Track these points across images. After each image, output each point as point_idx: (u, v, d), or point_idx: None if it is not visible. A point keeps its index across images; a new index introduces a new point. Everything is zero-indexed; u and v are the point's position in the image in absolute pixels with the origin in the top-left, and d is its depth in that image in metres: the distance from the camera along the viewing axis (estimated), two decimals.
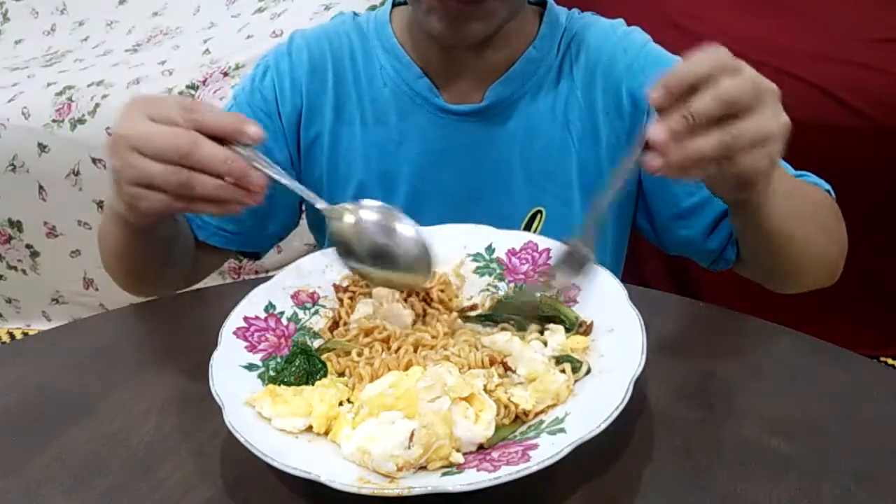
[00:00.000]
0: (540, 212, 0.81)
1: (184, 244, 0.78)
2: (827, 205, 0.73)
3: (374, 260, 0.61)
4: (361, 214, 0.61)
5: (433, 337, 0.60)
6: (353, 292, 0.66)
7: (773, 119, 0.53)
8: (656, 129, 0.51)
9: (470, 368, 0.55)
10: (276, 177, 0.58)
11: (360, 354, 0.59)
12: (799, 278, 0.74)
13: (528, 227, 0.81)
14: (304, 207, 0.91)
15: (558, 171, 0.80)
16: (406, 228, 0.61)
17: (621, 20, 0.83)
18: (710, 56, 0.52)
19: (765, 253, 0.70)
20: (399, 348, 0.58)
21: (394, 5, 0.83)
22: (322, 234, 0.90)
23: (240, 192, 0.55)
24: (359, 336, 0.61)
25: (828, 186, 0.75)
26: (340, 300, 0.66)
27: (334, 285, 0.67)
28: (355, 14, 0.86)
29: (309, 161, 0.84)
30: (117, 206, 0.63)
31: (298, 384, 0.56)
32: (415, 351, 0.58)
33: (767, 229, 0.64)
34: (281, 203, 0.85)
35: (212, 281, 0.85)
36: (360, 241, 0.61)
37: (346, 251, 0.62)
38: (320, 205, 0.61)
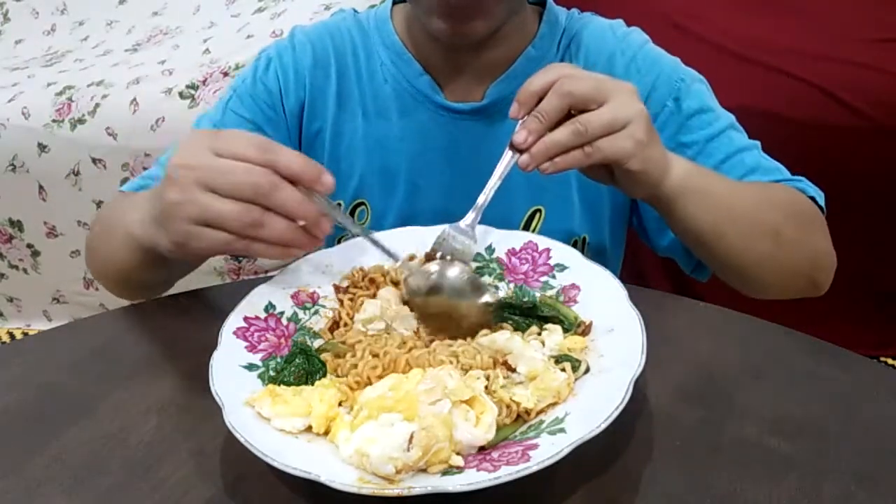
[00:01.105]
0: (539, 210, 0.81)
1: None
2: (792, 212, 0.72)
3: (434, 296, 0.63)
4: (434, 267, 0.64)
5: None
6: (353, 293, 0.66)
7: (623, 106, 0.59)
8: (517, 133, 0.60)
9: (474, 369, 0.55)
10: (346, 224, 0.62)
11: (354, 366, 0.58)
12: (758, 284, 0.73)
13: (527, 226, 0.81)
14: None
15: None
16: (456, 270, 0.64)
17: (620, 21, 0.83)
18: (552, 69, 0.61)
19: (700, 252, 0.73)
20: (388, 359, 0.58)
21: (394, 3, 0.83)
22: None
23: (306, 237, 0.55)
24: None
25: (814, 194, 0.75)
26: (340, 301, 0.66)
27: (334, 286, 0.67)
28: (356, 11, 0.86)
29: (311, 155, 0.84)
30: (155, 238, 0.60)
31: (298, 384, 0.56)
32: (408, 349, 0.59)
33: (688, 226, 0.68)
34: None
35: (212, 281, 0.85)
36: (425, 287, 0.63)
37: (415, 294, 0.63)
38: (394, 263, 0.65)
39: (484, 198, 0.65)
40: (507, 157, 0.63)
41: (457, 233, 0.66)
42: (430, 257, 0.65)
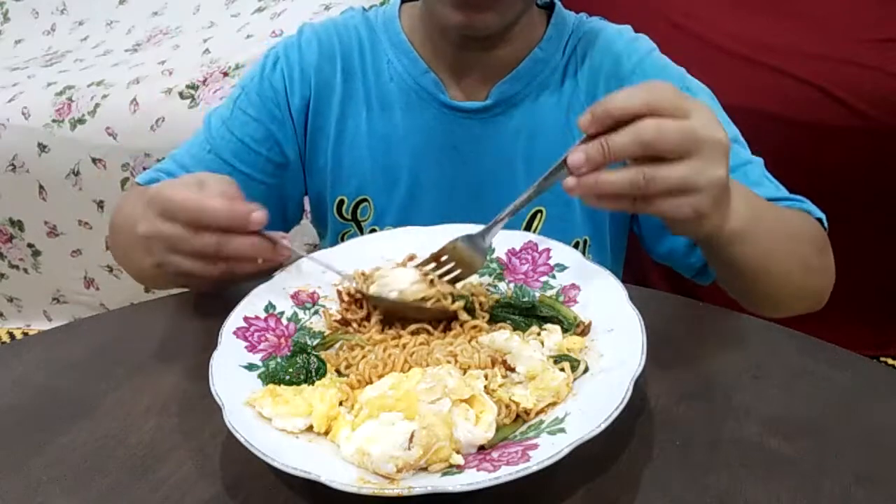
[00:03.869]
0: (540, 211, 0.81)
1: None
2: (813, 240, 0.72)
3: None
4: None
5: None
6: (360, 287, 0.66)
7: (701, 171, 0.52)
8: (575, 153, 0.52)
9: (472, 368, 0.55)
10: (298, 251, 0.64)
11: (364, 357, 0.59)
12: (776, 309, 0.73)
13: (528, 226, 0.82)
14: (307, 204, 0.91)
15: None
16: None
17: (628, 27, 0.83)
18: (650, 93, 0.52)
19: (736, 285, 0.71)
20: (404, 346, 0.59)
21: (402, 1, 0.84)
22: (324, 228, 0.90)
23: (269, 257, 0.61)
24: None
25: (820, 215, 0.75)
26: (349, 294, 0.65)
27: (337, 290, 0.66)
28: (364, 9, 0.87)
29: (314, 151, 0.85)
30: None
31: (298, 384, 0.56)
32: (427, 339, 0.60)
33: (734, 268, 0.64)
34: (290, 195, 0.86)
35: None
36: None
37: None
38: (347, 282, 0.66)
39: (508, 212, 0.60)
40: (555, 168, 0.56)
41: (466, 244, 0.63)
42: (436, 258, 0.64)
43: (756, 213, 0.63)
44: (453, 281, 0.64)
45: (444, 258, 0.64)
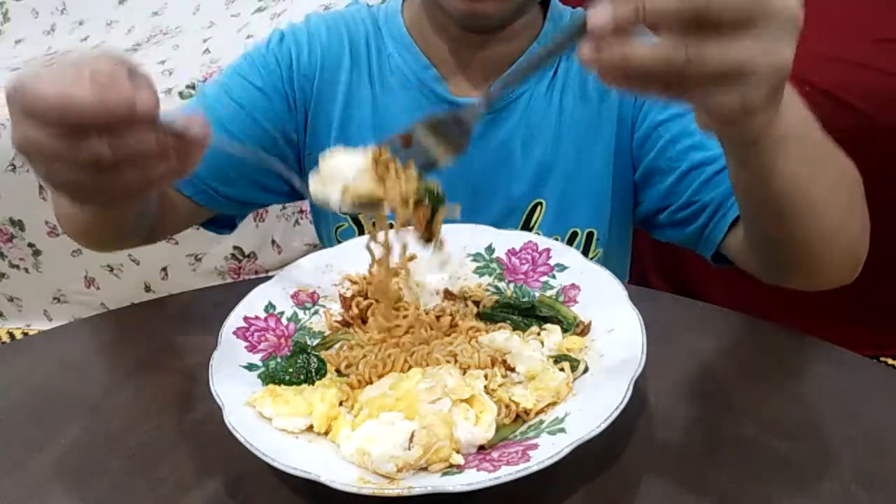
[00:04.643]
0: (540, 203, 0.82)
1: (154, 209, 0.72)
2: (856, 179, 0.63)
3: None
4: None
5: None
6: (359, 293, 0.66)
7: (765, 52, 0.39)
8: (599, 12, 0.39)
9: (472, 368, 0.56)
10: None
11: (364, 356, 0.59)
12: (811, 270, 0.62)
13: (528, 219, 0.82)
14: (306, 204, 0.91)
15: (557, 163, 0.80)
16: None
17: None
18: None
19: (765, 214, 0.57)
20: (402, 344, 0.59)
21: None
22: (323, 218, 0.89)
23: (178, 162, 0.47)
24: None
25: None
26: (348, 300, 0.65)
27: (340, 296, 0.66)
28: (368, 5, 0.87)
29: (316, 137, 0.84)
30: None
31: (298, 384, 0.56)
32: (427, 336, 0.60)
33: (770, 194, 0.53)
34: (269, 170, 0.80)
35: (212, 281, 0.85)
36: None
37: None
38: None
39: (506, 76, 0.51)
40: (571, 33, 0.43)
41: (445, 120, 0.52)
42: (404, 140, 0.53)
43: (806, 121, 0.51)
44: (425, 170, 0.52)
45: (414, 140, 0.51)
